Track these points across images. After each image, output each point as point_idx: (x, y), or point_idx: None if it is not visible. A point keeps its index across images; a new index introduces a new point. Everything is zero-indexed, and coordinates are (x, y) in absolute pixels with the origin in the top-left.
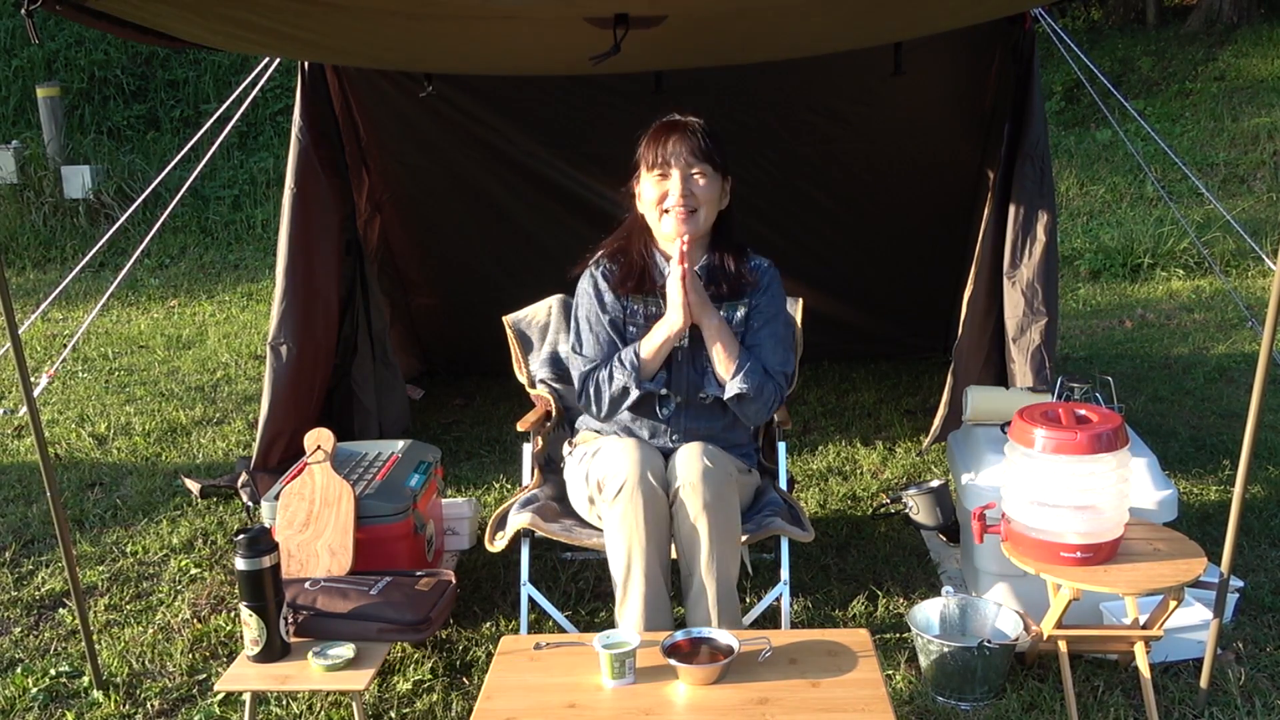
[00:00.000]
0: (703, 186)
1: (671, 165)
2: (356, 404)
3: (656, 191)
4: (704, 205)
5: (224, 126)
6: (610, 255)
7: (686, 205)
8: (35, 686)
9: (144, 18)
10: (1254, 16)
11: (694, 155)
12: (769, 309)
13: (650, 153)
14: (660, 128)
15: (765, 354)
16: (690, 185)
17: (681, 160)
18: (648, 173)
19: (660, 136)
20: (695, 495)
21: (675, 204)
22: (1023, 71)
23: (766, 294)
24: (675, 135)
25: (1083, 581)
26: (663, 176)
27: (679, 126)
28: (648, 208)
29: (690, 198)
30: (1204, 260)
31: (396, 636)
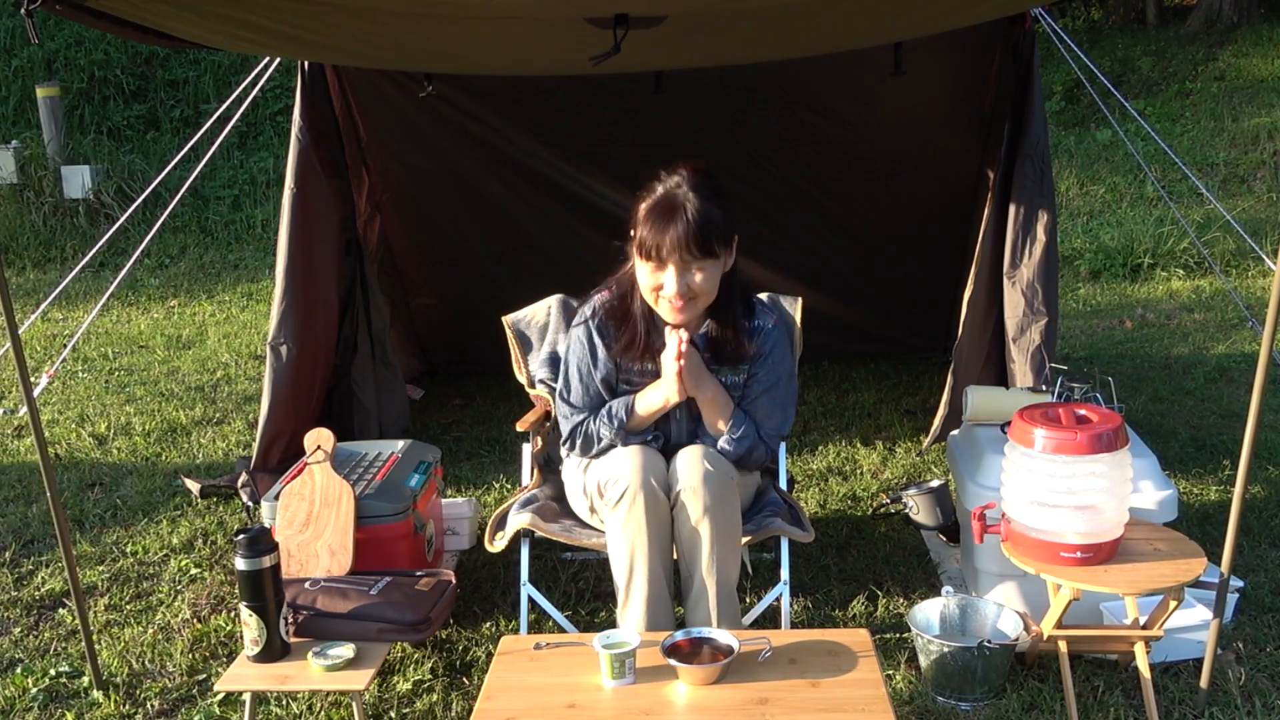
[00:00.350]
0: (700, 279)
1: (666, 260)
2: (356, 404)
3: (651, 280)
4: (702, 296)
5: (224, 126)
6: (608, 313)
7: (682, 298)
8: (35, 686)
9: (144, 18)
10: (1254, 16)
11: (691, 252)
12: (769, 376)
13: (645, 239)
14: (656, 210)
15: (760, 418)
16: (687, 279)
17: (677, 256)
18: (641, 260)
19: (656, 223)
20: (696, 499)
21: (671, 296)
22: (1023, 71)
23: (769, 360)
24: (672, 227)
25: (1083, 581)
26: (657, 267)
27: (676, 214)
28: (643, 287)
29: (686, 291)
30: (1204, 260)
31: (396, 636)
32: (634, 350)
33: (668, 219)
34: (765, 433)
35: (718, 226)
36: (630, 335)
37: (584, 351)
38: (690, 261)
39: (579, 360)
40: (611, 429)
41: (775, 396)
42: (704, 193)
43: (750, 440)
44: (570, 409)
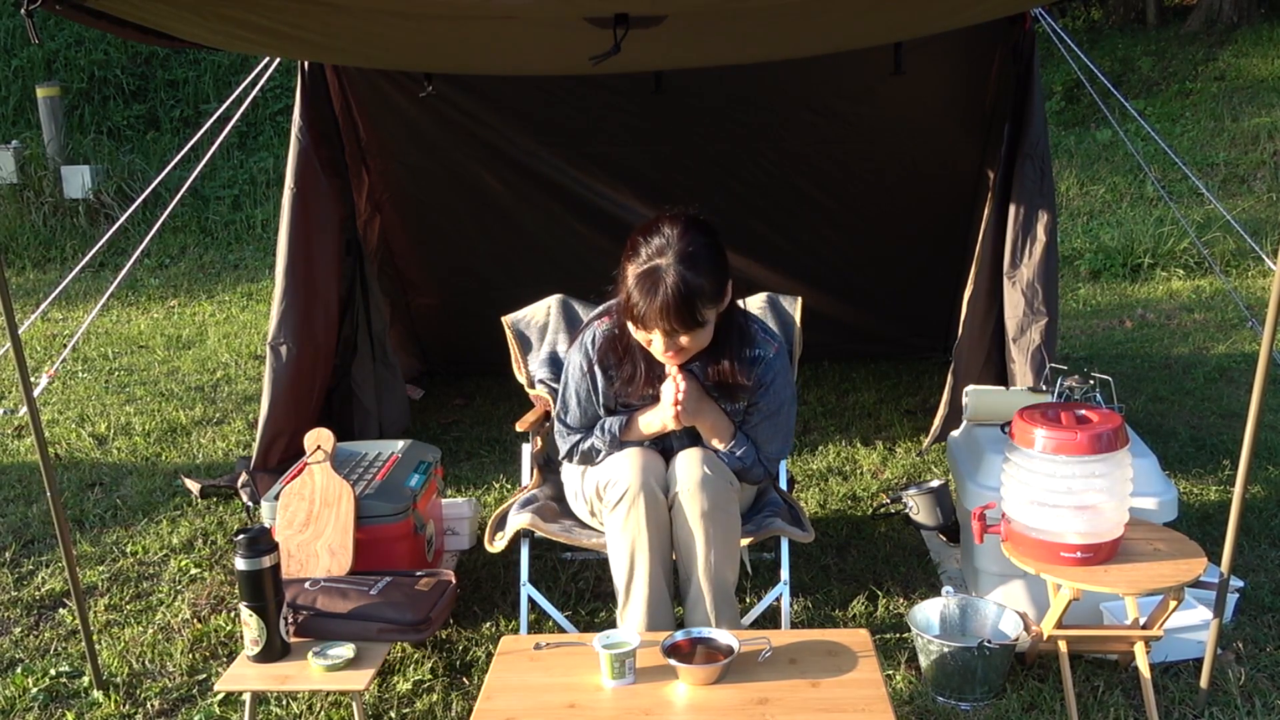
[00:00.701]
0: (688, 342)
1: (651, 329)
2: (356, 404)
3: (640, 338)
4: (693, 349)
5: (224, 126)
6: (609, 345)
7: (672, 352)
8: (35, 686)
9: (144, 18)
10: (1254, 16)
11: (674, 326)
12: (770, 405)
13: (631, 304)
14: (641, 281)
15: (761, 442)
16: (674, 341)
17: (661, 326)
18: (627, 320)
19: (639, 291)
20: (694, 502)
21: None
22: (1023, 71)
23: (770, 390)
24: (656, 299)
25: (1083, 581)
26: (641, 329)
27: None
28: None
29: (677, 348)
30: (1204, 260)
31: (396, 636)
32: (635, 385)
33: (651, 292)
34: (765, 456)
35: (702, 295)
36: (631, 370)
37: (583, 380)
38: (675, 332)
39: (577, 386)
40: (605, 441)
41: (776, 423)
42: (689, 261)
43: (750, 459)
44: (568, 430)
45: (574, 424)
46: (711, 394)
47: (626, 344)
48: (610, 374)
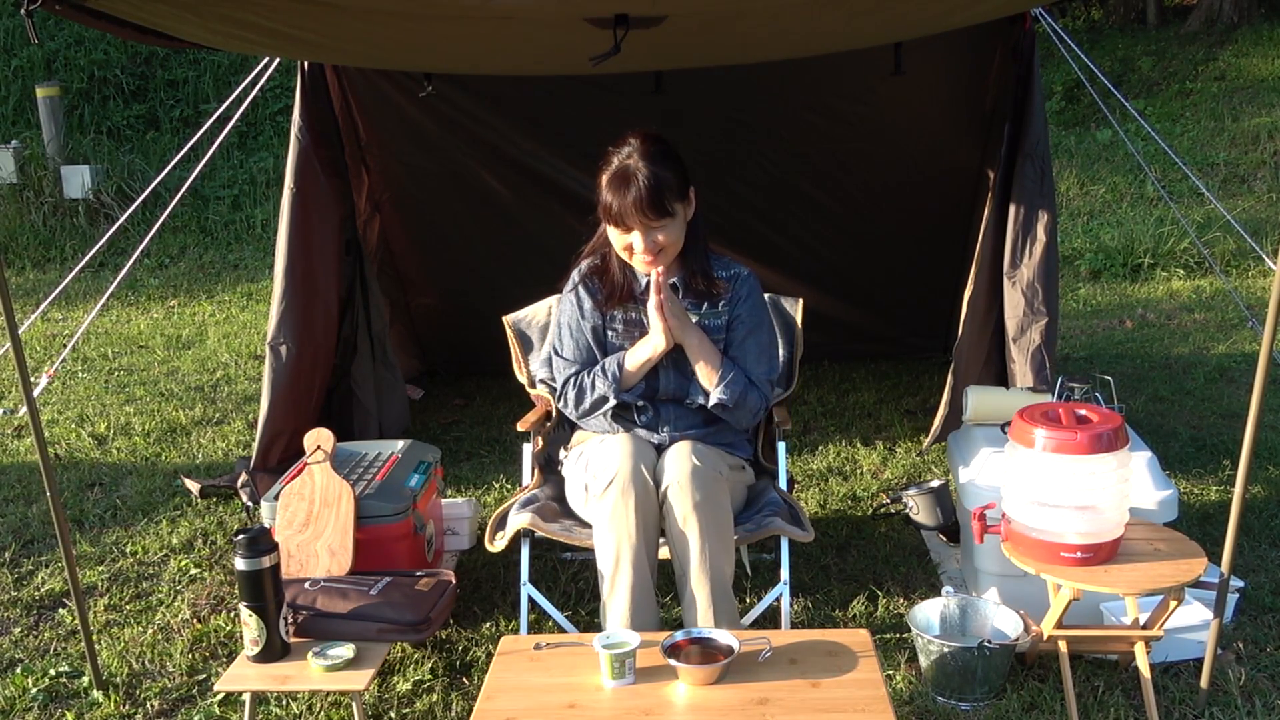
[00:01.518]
0: (664, 232)
1: (630, 224)
2: (356, 404)
3: (620, 241)
4: (669, 246)
5: (224, 126)
6: (592, 270)
7: (651, 253)
8: (35, 686)
9: (144, 18)
10: (1254, 16)
11: (650, 213)
12: (750, 319)
13: (608, 207)
14: (612, 180)
15: (749, 363)
16: (651, 237)
17: (639, 219)
18: (606, 224)
19: (615, 190)
20: (684, 495)
21: (640, 253)
22: (1023, 71)
23: (747, 303)
24: (627, 191)
25: (1083, 581)
26: (623, 231)
27: (630, 180)
28: (616, 248)
29: (654, 245)
30: (1204, 260)
31: (396, 636)
32: (616, 296)
33: (624, 188)
34: (755, 378)
35: (670, 187)
36: (612, 285)
37: (573, 309)
38: (650, 222)
39: (569, 318)
40: (606, 381)
41: (759, 341)
42: (654, 157)
43: (741, 384)
44: (564, 362)
45: (570, 355)
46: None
47: (607, 266)
48: (595, 294)
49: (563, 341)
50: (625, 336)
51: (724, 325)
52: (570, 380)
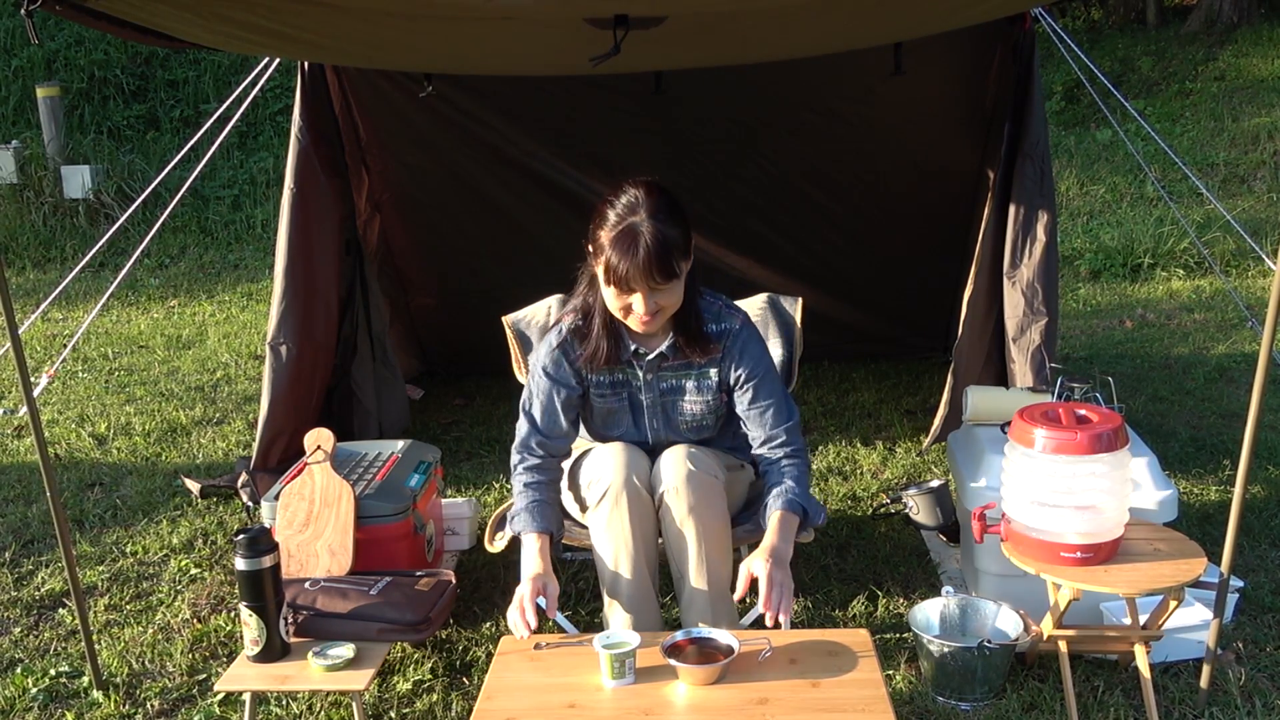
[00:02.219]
0: (665, 294)
1: (633, 289)
2: (356, 404)
3: (618, 303)
4: (668, 308)
5: (224, 126)
6: (574, 333)
7: (651, 314)
8: (35, 686)
9: (144, 18)
10: (1254, 16)
11: (659, 276)
12: (755, 371)
13: (611, 267)
14: (618, 240)
15: (775, 414)
16: (654, 300)
17: (644, 283)
18: (606, 285)
19: (620, 251)
20: (680, 499)
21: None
22: (1023, 71)
23: (744, 359)
24: (633, 254)
25: (1083, 581)
26: (624, 292)
27: (637, 242)
28: (610, 307)
29: (654, 308)
30: (1204, 260)
31: (396, 636)
32: (599, 360)
33: (631, 249)
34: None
35: (678, 246)
36: (594, 348)
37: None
38: (656, 285)
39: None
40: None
41: (770, 387)
42: (660, 216)
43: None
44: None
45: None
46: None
47: (590, 328)
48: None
49: (533, 399)
50: (613, 399)
51: (715, 385)
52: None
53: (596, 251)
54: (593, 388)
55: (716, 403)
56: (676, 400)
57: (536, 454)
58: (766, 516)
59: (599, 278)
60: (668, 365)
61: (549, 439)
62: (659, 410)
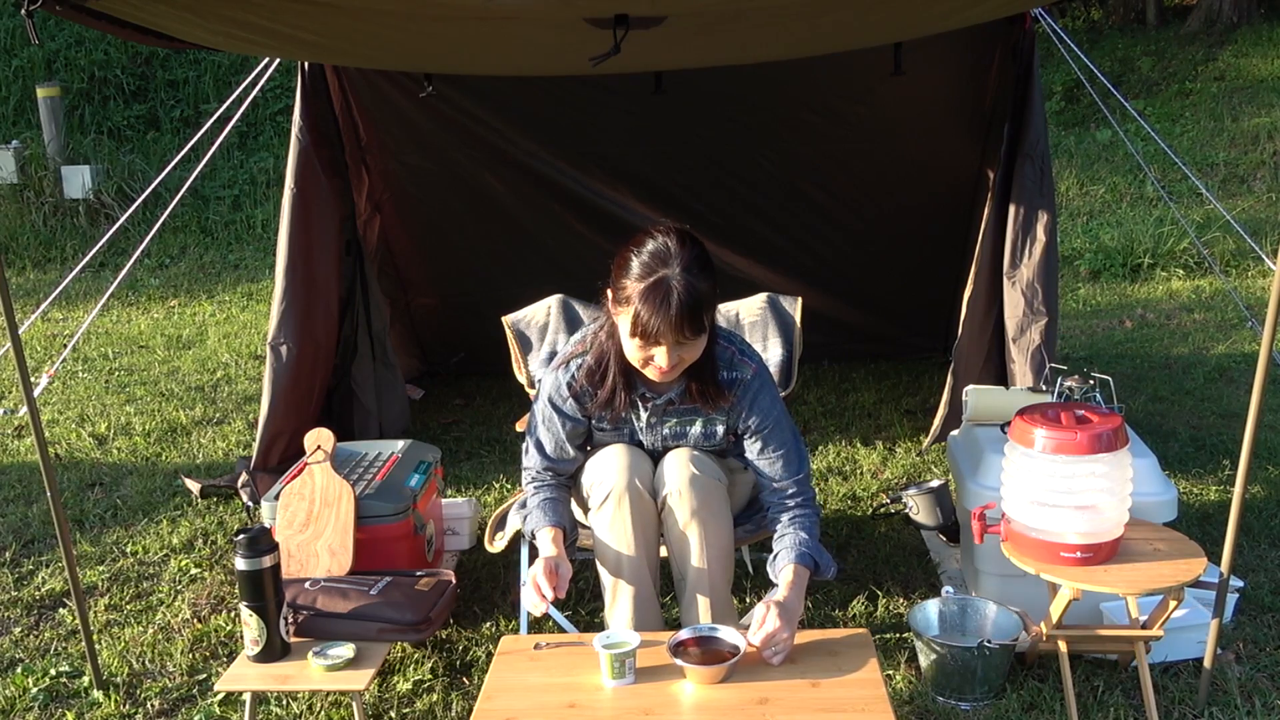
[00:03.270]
0: (690, 348)
1: (660, 342)
2: (356, 404)
3: (640, 355)
4: (689, 361)
5: (224, 126)
6: (587, 377)
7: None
8: (35, 686)
9: (144, 18)
10: (1254, 16)
11: (689, 331)
12: (765, 422)
13: (638, 322)
14: (650, 295)
15: (786, 465)
16: (677, 352)
17: (671, 338)
18: (630, 336)
19: (650, 308)
20: (683, 502)
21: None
22: (1023, 71)
23: (754, 410)
24: (670, 310)
25: (1083, 581)
26: (648, 344)
27: (669, 297)
28: (629, 356)
29: (677, 360)
30: (1204, 260)
31: (396, 636)
32: (610, 410)
33: (662, 303)
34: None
35: (708, 301)
36: (608, 395)
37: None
38: (684, 340)
39: (548, 418)
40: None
41: (780, 438)
42: (694, 270)
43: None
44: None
45: (546, 446)
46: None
47: (605, 372)
48: (585, 403)
49: (538, 431)
50: (613, 434)
51: (721, 432)
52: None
53: (621, 300)
54: (594, 420)
55: (724, 444)
56: (680, 443)
57: (545, 477)
58: (778, 570)
59: (622, 327)
60: (674, 409)
61: (557, 463)
62: (659, 451)
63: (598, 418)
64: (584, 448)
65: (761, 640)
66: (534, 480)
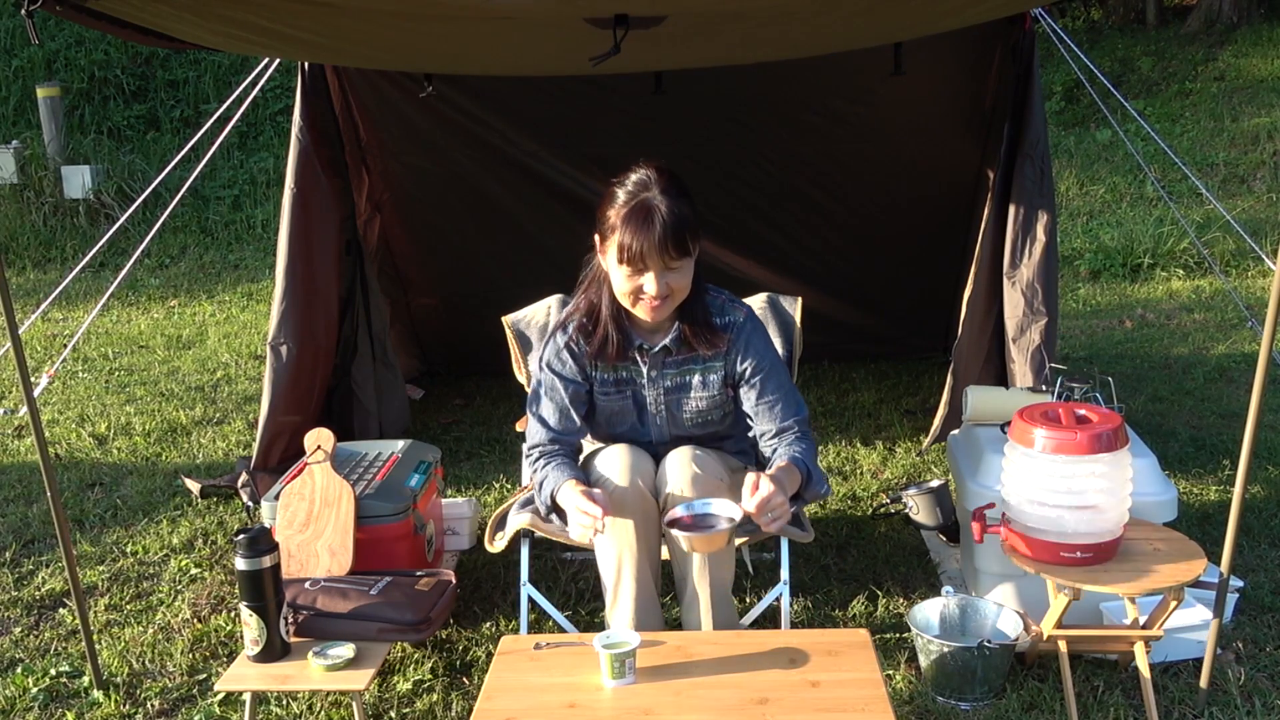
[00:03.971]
0: (677, 275)
1: (647, 265)
2: (356, 404)
3: (629, 285)
4: (678, 292)
5: (224, 126)
6: (579, 328)
7: (661, 297)
8: (35, 686)
9: (144, 18)
10: (1254, 16)
11: (674, 251)
12: (761, 364)
13: (623, 244)
14: (632, 215)
15: (778, 414)
16: (666, 279)
17: (659, 259)
18: (619, 264)
19: (633, 228)
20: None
21: (651, 297)
22: (1023, 71)
23: (750, 353)
24: (649, 228)
25: (1083, 581)
26: (636, 272)
27: (652, 216)
28: (619, 291)
29: (665, 289)
30: (1204, 260)
31: (396, 636)
32: (605, 355)
33: (646, 224)
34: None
35: (690, 224)
36: (601, 340)
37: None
38: (671, 261)
39: (549, 383)
40: (540, 497)
41: (777, 380)
42: (673, 193)
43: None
44: (539, 427)
45: (548, 418)
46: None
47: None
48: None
49: (540, 403)
50: (617, 397)
51: (721, 379)
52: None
53: (607, 232)
54: (597, 385)
55: (723, 398)
56: (681, 398)
57: (552, 448)
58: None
59: (609, 259)
60: (672, 360)
61: (563, 434)
62: (663, 408)
63: (599, 380)
64: (589, 418)
65: (757, 505)
66: (541, 453)
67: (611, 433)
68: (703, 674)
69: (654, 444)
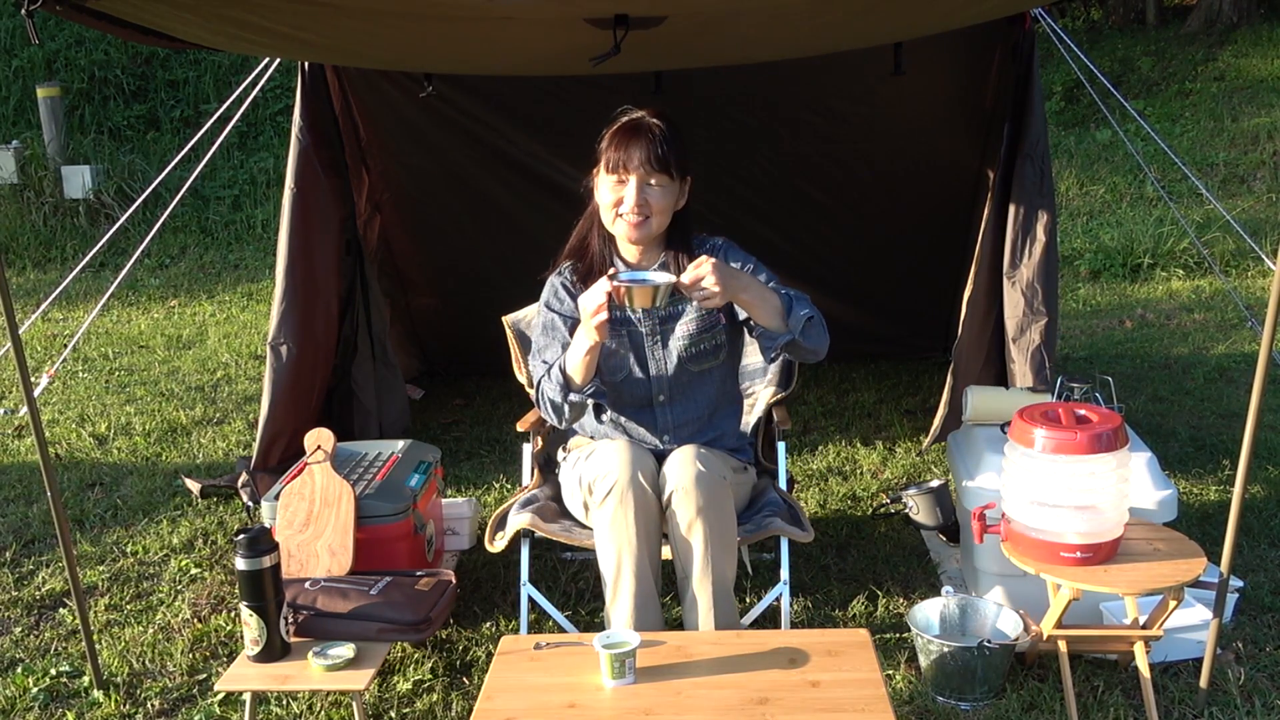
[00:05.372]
0: (658, 194)
1: (629, 171)
2: (356, 404)
3: (612, 195)
4: (657, 214)
5: (224, 126)
6: (572, 266)
7: (640, 213)
8: (35, 686)
9: (144, 18)
10: (1254, 16)
11: (652, 163)
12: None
13: (609, 154)
14: (622, 129)
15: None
16: (646, 193)
17: (639, 168)
18: (606, 174)
19: (620, 139)
20: (689, 500)
21: (629, 211)
22: (1023, 71)
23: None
24: (635, 140)
25: (1083, 581)
26: (620, 181)
27: (641, 130)
28: (603, 207)
29: (644, 205)
30: (1204, 260)
31: (396, 636)
32: (592, 278)
33: (633, 133)
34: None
35: (675, 148)
36: (589, 270)
37: (551, 313)
38: (650, 174)
39: (546, 320)
40: (554, 386)
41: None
42: (664, 122)
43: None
44: (540, 365)
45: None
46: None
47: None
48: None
49: (541, 345)
50: (613, 338)
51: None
52: (537, 384)
53: (598, 157)
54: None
55: (714, 320)
56: (674, 325)
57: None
58: None
59: (599, 184)
60: None
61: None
62: (659, 340)
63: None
64: None
65: (690, 280)
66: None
67: (612, 380)
68: (703, 674)
69: (653, 392)
